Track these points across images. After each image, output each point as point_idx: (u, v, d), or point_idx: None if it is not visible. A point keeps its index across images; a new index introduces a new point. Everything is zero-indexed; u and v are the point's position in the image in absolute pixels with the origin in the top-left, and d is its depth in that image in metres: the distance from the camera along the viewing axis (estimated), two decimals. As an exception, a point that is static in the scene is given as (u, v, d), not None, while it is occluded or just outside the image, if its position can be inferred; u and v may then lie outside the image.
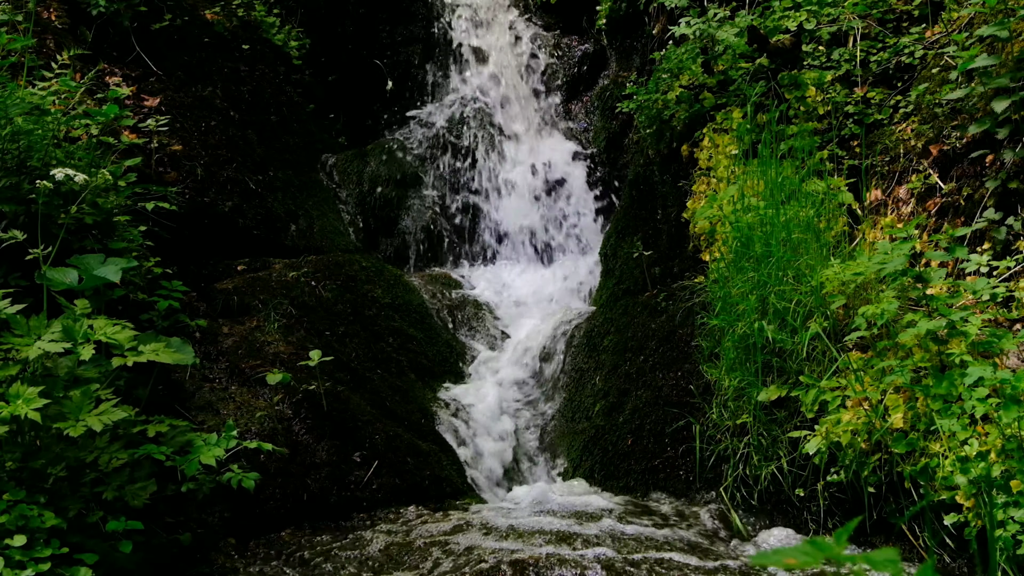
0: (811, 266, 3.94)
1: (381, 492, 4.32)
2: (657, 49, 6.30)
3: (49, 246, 3.32)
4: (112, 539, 2.98)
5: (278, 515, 4.01)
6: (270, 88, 6.65)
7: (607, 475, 4.71)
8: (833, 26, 5.05)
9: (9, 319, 3.03)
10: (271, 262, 5.57)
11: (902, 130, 4.46)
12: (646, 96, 5.56)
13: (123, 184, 4.11)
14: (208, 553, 3.59)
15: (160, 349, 3.25)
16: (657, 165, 5.68)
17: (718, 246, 4.50)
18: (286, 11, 7.38)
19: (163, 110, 5.54)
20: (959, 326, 3.29)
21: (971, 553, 3.10)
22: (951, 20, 4.65)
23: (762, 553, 1.02)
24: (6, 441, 2.90)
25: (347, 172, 7.00)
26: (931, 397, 3.24)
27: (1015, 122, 3.73)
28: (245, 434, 4.00)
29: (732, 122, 4.92)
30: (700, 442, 4.26)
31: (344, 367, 4.86)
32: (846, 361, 3.65)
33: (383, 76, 7.85)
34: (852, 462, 3.48)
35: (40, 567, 2.67)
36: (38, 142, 3.70)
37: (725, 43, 5.10)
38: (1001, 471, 2.96)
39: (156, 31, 5.92)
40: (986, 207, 3.78)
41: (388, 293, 5.78)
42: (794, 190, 4.25)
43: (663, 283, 5.33)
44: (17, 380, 2.91)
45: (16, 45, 4.16)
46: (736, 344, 4.07)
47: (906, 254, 3.52)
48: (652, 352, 4.95)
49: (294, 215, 6.16)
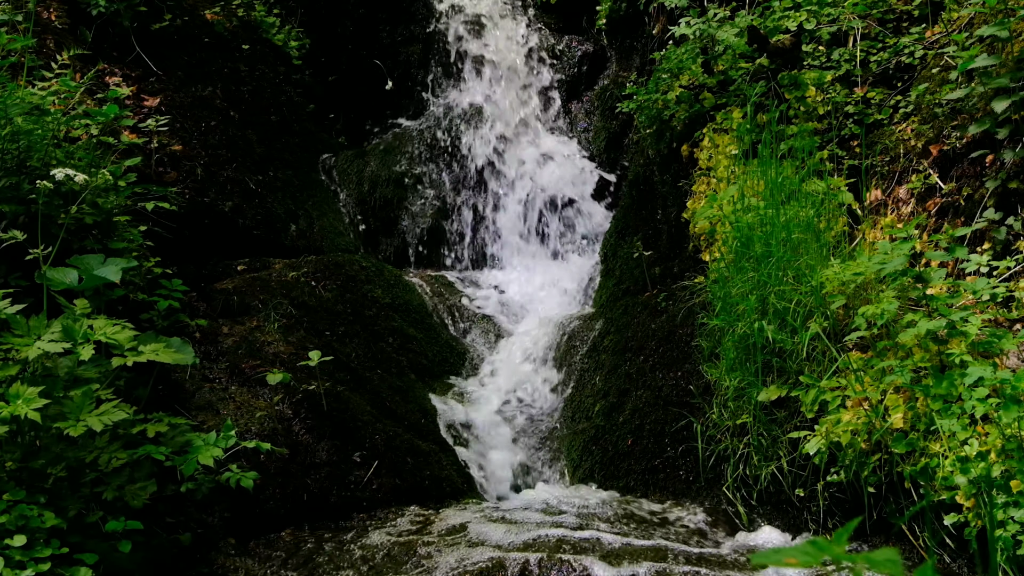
0: (811, 266, 3.94)
1: (381, 492, 4.33)
2: (657, 49, 6.30)
3: (49, 246, 3.32)
4: (112, 539, 2.98)
5: (278, 515, 4.01)
6: (270, 88, 6.65)
7: (607, 475, 4.71)
8: (833, 26, 5.05)
9: (9, 319, 3.03)
10: (271, 262, 5.57)
11: (902, 130, 4.46)
12: (646, 96, 5.56)
13: (123, 184, 4.11)
14: (208, 553, 3.59)
15: (160, 349, 3.25)
16: (657, 165, 5.68)
17: (718, 246, 4.50)
18: (286, 11, 7.38)
19: (163, 110, 5.54)
20: (959, 326, 3.29)
21: (971, 553, 3.10)
22: (951, 20, 4.65)
23: (762, 553, 1.02)
24: (6, 441, 2.90)
25: (347, 172, 7.00)
26: (931, 397, 3.24)
27: (1015, 122, 3.73)
28: (245, 434, 4.00)
29: (732, 122, 4.92)
30: (700, 442, 4.26)
31: (344, 367, 4.86)
32: (846, 361, 3.65)
33: (383, 76, 7.85)
34: (852, 462, 3.48)
35: (40, 567, 2.67)
36: (38, 142, 3.70)
37: (725, 43, 5.10)
38: (1001, 471, 2.96)
39: (156, 31, 5.92)
40: (986, 207, 3.78)
41: (388, 293, 5.78)
42: (794, 190, 4.25)
43: (663, 283, 5.33)
44: (17, 380, 2.91)
45: (16, 45, 4.16)
46: (736, 344, 4.07)
47: (906, 254, 3.52)
48: (652, 352, 4.95)
49: (294, 215, 6.16)
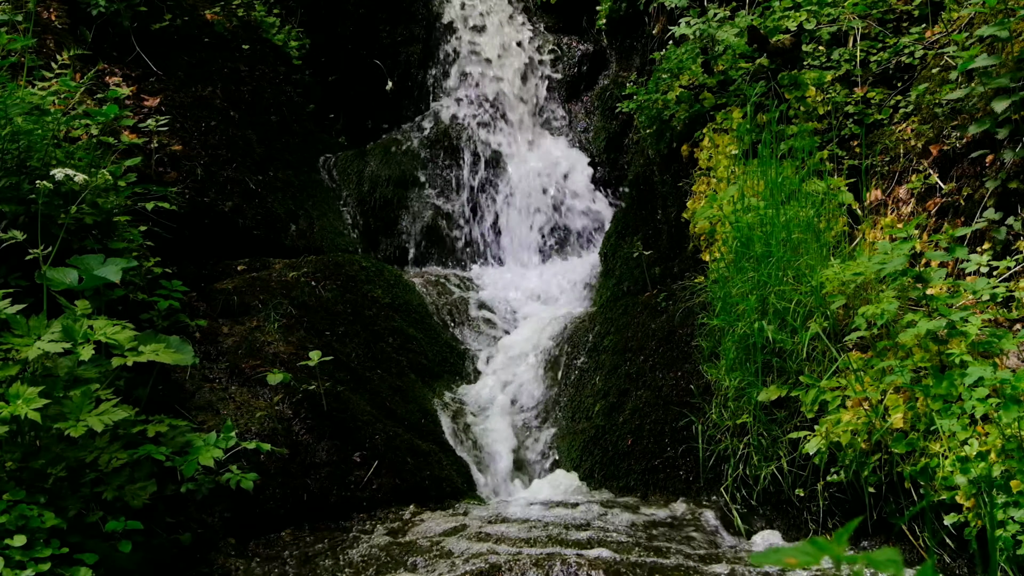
0: (811, 266, 3.94)
1: (381, 492, 4.33)
2: (657, 49, 6.30)
3: (49, 246, 3.32)
4: (112, 539, 2.98)
5: (278, 515, 4.01)
6: (270, 88, 6.65)
7: (607, 475, 4.71)
8: (833, 26, 5.05)
9: (9, 319, 3.03)
10: (271, 262, 5.57)
11: (902, 130, 4.46)
12: (646, 96, 5.56)
13: (123, 184, 4.11)
14: (208, 553, 3.59)
15: (160, 349, 3.25)
16: (657, 165, 5.68)
17: (718, 246, 4.50)
18: (286, 11, 7.38)
19: (163, 110, 5.54)
20: (959, 326, 3.29)
21: (971, 553, 3.10)
22: (951, 20, 4.65)
23: (761, 552, 1.02)
24: (6, 441, 2.90)
25: (347, 172, 7.00)
26: (931, 397, 3.24)
27: (1015, 122, 3.73)
28: (245, 434, 4.00)
29: (732, 122, 4.92)
30: (700, 442, 4.26)
31: (344, 367, 4.86)
32: (846, 361, 3.65)
33: (383, 76, 7.85)
34: (852, 462, 3.48)
35: (40, 567, 2.67)
36: (38, 142, 3.70)
37: (725, 43, 5.10)
38: (1001, 471, 2.96)
39: (156, 31, 5.92)
40: (986, 207, 3.78)
41: (388, 293, 5.77)
42: (794, 190, 4.25)
43: (663, 283, 5.33)
44: (17, 380, 2.91)
45: (16, 45, 4.16)
46: (736, 344, 4.07)
47: (906, 254, 3.52)
48: (652, 352, 4.95)
49: (294, 215, 6.16)
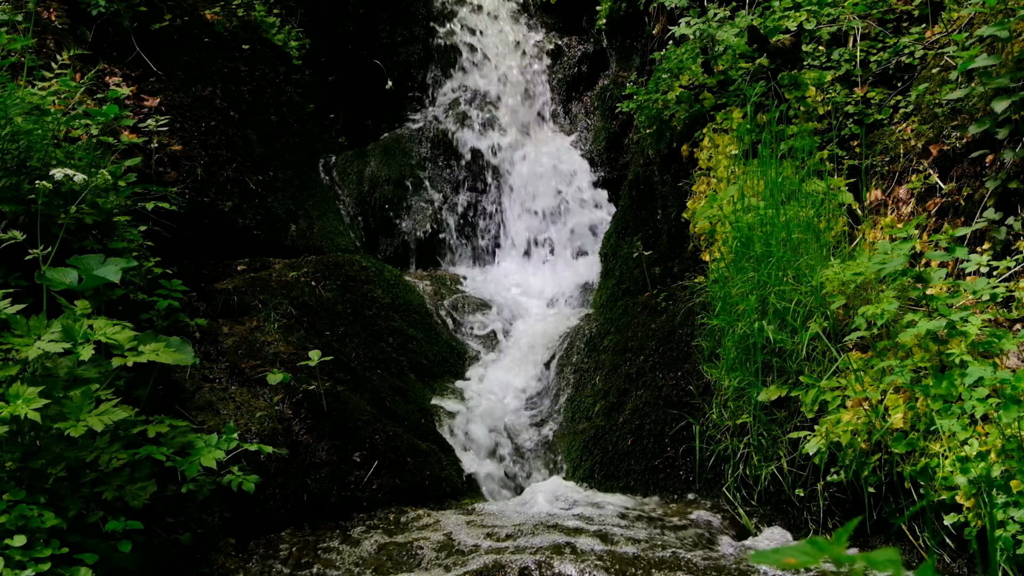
0: (811, 266, 3.94)
1: (381, 492, 4.33)
2: (657, 49, 6.30)
3: (49, 246, 3.32)
4: (112, 539, 2.98)
5: (278, 515, 4.01)
6: (270, 88, 6.65)
7: (607, 475, 4.71)
8: (833, 26, 5.05)
9: (9, 319, 3.03)
10: (271, 262, 5.57)
11: (902, 130, 4.46)
12: (646, 96, 5.56)
13: (123, 184, 4.11)
14: (208, 553, 3.59)
15: (160, 349, 3.25)
16: (657, 165, 5.68)
17: (718, 246, 4.50)
18: (286, 11, 7.38)
19: (163, 110, 5.54)
20: (959, 326, 3.29)
21: (971, 553, 3.10)
22: (951, 20, 4.65)
23: (761, 552, 1.02)
24: (6, 441, 2.89)
25: (347, 172, 7.00)
26: (931, 397, 3.24)
27: (1015, 122, 3.73)
28: (245, 434, 4.00)
29: (732, 122, 4.92)
30: (700, 442, 4.26)
31: (344, 367, 4.86)
32: (846, 361, 3.65)
33: (383, 76, 7.85)
34: (852, 462, 3.48)
35: (40, 567, 2.67)
36: (38, 142, 3.69)
37: (725, 43, 5.10)
38: (1001, 471, 2.96)
39: (156, 31, 5.92)
40: (986, 207, 3.78)
41: (388, 293, 5.77)
42: (794, 190, 4.25)
43: (663, 283, 5.33)
44: (17, 380, 2.91)
45: (16, 45, 4.16)
46: (736, 344, 4.07)
47: (906, 254, 3.52)
48: (652, 352, 4.95)
49: (294, 215, 6.16)
